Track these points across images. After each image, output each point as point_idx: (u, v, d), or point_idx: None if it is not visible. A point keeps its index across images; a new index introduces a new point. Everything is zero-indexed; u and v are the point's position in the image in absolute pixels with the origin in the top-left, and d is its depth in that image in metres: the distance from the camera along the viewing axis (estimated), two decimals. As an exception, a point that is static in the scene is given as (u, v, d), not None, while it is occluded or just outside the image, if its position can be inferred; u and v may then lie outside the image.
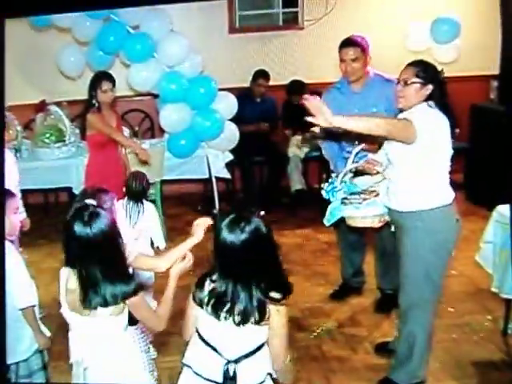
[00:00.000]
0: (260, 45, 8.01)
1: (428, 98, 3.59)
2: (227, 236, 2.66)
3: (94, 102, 5.40)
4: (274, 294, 2.67)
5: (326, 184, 4.06)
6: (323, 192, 4.06)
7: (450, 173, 3.73)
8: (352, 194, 3.98)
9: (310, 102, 3.34)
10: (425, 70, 3.62)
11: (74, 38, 6.88)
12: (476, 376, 4.11)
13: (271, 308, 2.66)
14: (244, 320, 2.64)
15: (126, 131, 5.73)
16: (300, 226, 6.65)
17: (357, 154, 4.09)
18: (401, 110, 3.70)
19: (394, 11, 7.75)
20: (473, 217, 6.11)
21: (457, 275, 5.34)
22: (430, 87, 3.58)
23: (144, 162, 5.61)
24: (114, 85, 5.43)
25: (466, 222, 6.02)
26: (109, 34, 6.54)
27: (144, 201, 4.58)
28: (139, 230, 4.51)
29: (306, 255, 5.82)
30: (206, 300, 2.73)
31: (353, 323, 4.77)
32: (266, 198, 7.48)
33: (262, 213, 2.69)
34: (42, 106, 7.08)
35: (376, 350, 4.40)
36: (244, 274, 2.66)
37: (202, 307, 2.74)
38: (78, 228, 2.66)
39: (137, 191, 4.53)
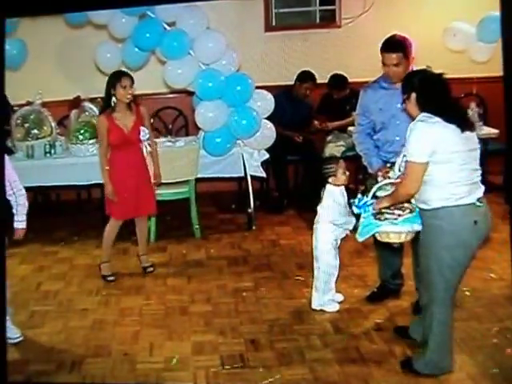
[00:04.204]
0: (296, 43, 7.99)
1: (425, 104, 3.71)
2: None
3: (112, 100, 5.41)
4: None
5: (357, 200, 4.08)
6: (354, 208, 4.11)
7: (485, 174, 3.74)
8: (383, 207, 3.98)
9: None
10: (405, 82, 3.87)
11: (110, 34, 6.87)
12: (518, 382, 4.02)
13: None
14: None
15: (145, 131, 5.65)
16: (336, 226, 6.56)
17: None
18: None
19: (432, 10, 7.68)
20: (512, 219, 6.00)
21: (496, 279, 5.27)
22: (414, 95, 3.74)
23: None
24: (132, 83, 5.43)
25: (505, 224, 5.94)
26: (145, 30, 6.51)
27: (327, 185, 4.89)
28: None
29: (343, 256, 5.73)
30: None
31: (391, 326, 4.67)
32: (301, 198, 7.44)
33: None
34: (76, 103, 7.09)
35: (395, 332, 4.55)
36: None
37: None
38: None
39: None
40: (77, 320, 4.98)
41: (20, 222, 4.45)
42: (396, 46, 4.45)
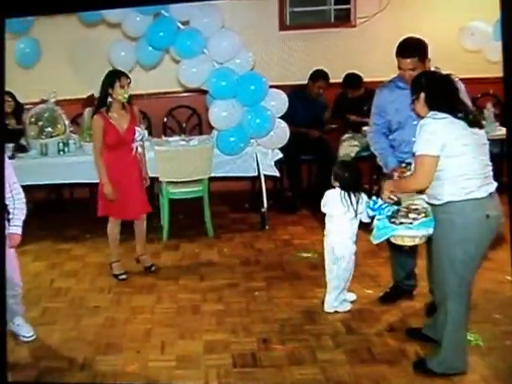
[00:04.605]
0: (311, 42, 7.98)
1: (433, 103, 3.79)
2: None
3: (108, 100, 5.39)
4: None
5: (371, 202, 4.16)
6: (368, 210, 4.22)
7: (501, 175, 3.81)
8: (397, 210, 4.03)
9: None
10: (413, 83, 3.95)
11: (124, 33, 6.87)
12: (531, 384, 3.98)
13: None
14: None
15: (140, 131, 5.63)
16: (349, 226, 6.54)
17: None
18: None
19: (447, 9, 7.64)
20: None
21: (511, 281, 5.20)
22: (422, 95, 3.82)
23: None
24: (130, 82, 5.44)
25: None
26: (159, 29, 6.52)
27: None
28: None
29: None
30: None
31: (403, 327, 4.63)
32: (315, 198, 7.40)
33: None
34: (89, 101, 7.08)
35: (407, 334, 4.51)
36: None
37: None
38: None
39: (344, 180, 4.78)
40: (88, 317, 4.99)
41: (16, 227, 4.24)
42: (411, 50, 4.41)
